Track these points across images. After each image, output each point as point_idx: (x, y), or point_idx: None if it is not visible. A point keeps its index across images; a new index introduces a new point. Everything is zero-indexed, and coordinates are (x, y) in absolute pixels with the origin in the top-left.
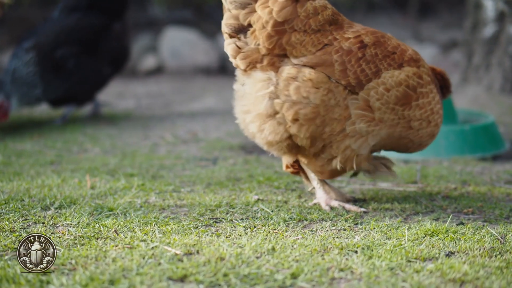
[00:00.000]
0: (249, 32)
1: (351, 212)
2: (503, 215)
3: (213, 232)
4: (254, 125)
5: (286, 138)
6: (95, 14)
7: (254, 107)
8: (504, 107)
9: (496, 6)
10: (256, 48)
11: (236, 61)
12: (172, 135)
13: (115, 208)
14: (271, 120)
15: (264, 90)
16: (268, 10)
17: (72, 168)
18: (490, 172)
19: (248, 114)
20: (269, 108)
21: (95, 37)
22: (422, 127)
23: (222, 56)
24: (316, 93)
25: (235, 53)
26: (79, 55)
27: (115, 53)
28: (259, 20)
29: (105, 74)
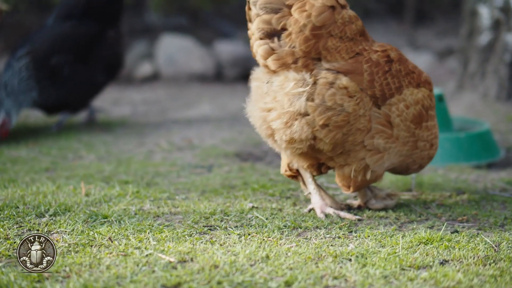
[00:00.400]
0: (283, 35)
1: (346, 219)
2: (498, 223)
3: (207, 239)
4: (280, 121)
5: (309, 139)
6: (89, 22)
7: (283, 104)
8: (500, 114)
9: (492, 14)
10: (291, 50)
11: (267, 62)
12: (167, 142)
13: (110, 216)
14: (301, 119)
15: (299, 89)
16: (306, 14)
17: (67, 175)
18: (485, 180)
19: (273, 111)
20: (302, 107)
21: (89, 44)
22: (425, 148)
23: (217, 63)
24: (350, 102)
25: (267, 54)
26: (73, 62)
27: (109, 60)
28: (296, 23)
29: (99, 81)
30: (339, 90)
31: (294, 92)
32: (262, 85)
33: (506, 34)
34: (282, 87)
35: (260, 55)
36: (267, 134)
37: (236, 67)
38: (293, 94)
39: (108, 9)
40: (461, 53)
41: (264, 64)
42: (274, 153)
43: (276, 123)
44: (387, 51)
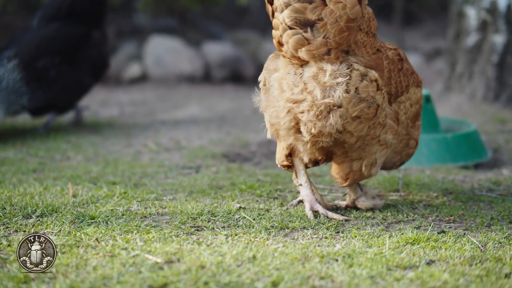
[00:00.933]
0: (318, 25)
1: (334, 220)
2: (484, 223)
3: (194, 240)
4: (312, 113)
5: (338, 132)
6: (74, 23)
7: (316, 96)
8: (487, 115)
9: (479, 15)
10: (324, 41)
11: (299, 52)
12: (155, 143)
13: (97, 216)
14: (335, 111)
15: (338, 79)
16: (341, 5)
17: (55, 176)
18: (472, 181)
19: (304, 102)
20: (338, 99)
21: (75, 46)
22: (412, 146)
23: (206, 64)
24: (380, 95)
25: (300, 44)
26: (60, 64)
27: (95, 61)
28: (331, 14)
29: (86, 82)
30: (371, 82)
31: (331, 83)
32: (288, 76)
33: (493, 35)
34: (315, 78)
35: (291, 45)
36: (289, 126)
37: (224, 68)
38: (330, 85)
39: (92, 11)
40: (449, 54)
41: (293, 55)
42: (262, 153)
43: (306, 115)
44: (397, 49)
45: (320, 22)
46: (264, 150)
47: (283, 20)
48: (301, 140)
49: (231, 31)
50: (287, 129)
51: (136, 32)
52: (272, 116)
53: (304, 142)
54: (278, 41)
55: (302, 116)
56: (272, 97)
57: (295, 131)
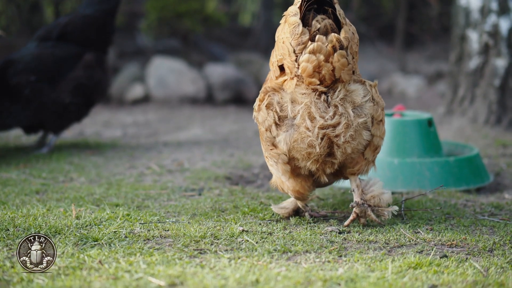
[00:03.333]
0: (349, 46)
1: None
2: (487, 248)
3: (197, 263)
4: (348, 134)
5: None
6: (63, 44)
7: (349, 117)
8: (489, 139)
9: (481, 38)
10: (352, 62)
11: (342, 74)
12: (158, 165)
13: (100, 238)
14: (366, 125)
15: (367, 96)
16: (353, 27)
17: (58, 198)
18: (474, 205)
19: (339, 125)
20: (368, 113)
21: (57, 66)
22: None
23: (209, 86)
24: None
25: (344, 66)
26: (36, 82)
27: (81, 83)
28: (354, 36)
29: (66, 103)
30: (375, 89)
31: (361, 101)
32: (315, 104)
33: (495, 58)
34: (345, 100)
35: (337, 67)
36: (324, 152)
37: (227, 89)
38: (360, 104)
39: (85, 34)
40: (451, 77)
41: (331, 79)
42: (265, 176)
43: (342, 137)
44: None
45: (349, 44)
46: (267, 172)
47: (334, 40)
48: (329, 162)
49: (233, 53)
50: (318, 155)
51: (139, 53)
52: (296, 148)
53: (330, 164)
54: (318, 65)
55: (338, 140)
56: (296, 128)
57: (332, 155)
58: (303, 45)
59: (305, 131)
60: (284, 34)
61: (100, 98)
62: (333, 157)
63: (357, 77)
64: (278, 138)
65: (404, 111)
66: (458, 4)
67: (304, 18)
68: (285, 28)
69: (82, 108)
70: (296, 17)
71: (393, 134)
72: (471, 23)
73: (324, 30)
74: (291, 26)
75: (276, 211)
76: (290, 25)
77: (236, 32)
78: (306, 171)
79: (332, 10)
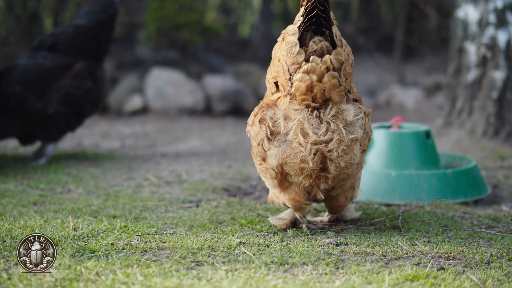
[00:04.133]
0: (342, 68)
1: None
2: (484, 260)
3: (194, 275)
4: (340, 149)
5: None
6: (53, 54)
7: (341, 133)
8: (487, 151)
9: (479, 51)
10: (344, 83)
11: (333, 94)
12: (156, 176)
13: (97, 250)
14: (357, 143)
15: (359, 115)
16: (348, 48)
17: (55, 209)
18: (471, 217)
19: (331, 141)
20: (358, 133)
21: (42, 76)
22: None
23: (207, 97)
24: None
25: (334, 86)
26: (21, 92)
27: (68, 92)
28: (348, 57)
29: (51, 113)
30: (368, 116)
31: (352, 120)
32: (308, 120)
33: (493, 71)
34: (337, 117)
35: (327, 87)
36: (317, 167)
37: (225, 101)
38: (351, 122)
39: (75, 43)
40: (449, 89)
41: (322, 98)
42: (263, 187)
43: (335, 152)
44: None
45: (343, 65)
46: (264, 184)
47: (327, 62)
48: (323, 177)
49: (232, 64)
50: (311, 170)
51: (137, 64)
52: (289, 163)
53: (324, 179)
54: (310, 85)
55: (331, 154)
56: (289, 144)
57: (326, 170)
58: (298, 65)
59: (298, 147)
60: (281, 52)
61: (92, 108)
62: (327, 172)
63: (354, 96)
64: (269, 152)
65: (402, 123)
66: (457, 17)
67: (302, 37)
68: (282, 46)
69: (71, 118)
70: (294, 37)
71: (391, 146)
72: (469, 36)
73: (320, 52)
74: (288, 44)
75: (274, 223)
76: (287, 44)
77: (235, 43)
78: (300, 187)
79: (329, 32)
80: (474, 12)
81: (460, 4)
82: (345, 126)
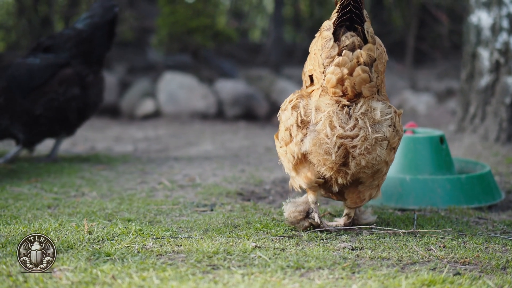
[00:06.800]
0: (374, 64)
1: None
2: (500, 266)
3: (210, 279)
4: (363, 147)
5: (378, 163)
6: (43, 55)
7: (367, 131)
8: (499, 156)
9: (492, 56)
10: (375, 80)
11: (363, 89)
12: (169, 180)
13: (113, 253)
14: (382, 143)
15: (387, 116)
16: (382, 48)
17: (70, 212)
18: (486, 222)
19: (356, 137)
20: (385, 132)
21: (29, 74)
22: None
23: (219, 101)
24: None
25: (365, 81)
26: (7, 91)
27: (52, 99)
28: (382, 55)
29: (36, 114)
30: (399, 116)
31: (380, 119)
32: (337, 114)
33: (506, 76)
34: (365, 115)
35: (357, 81)
36: (339, 162)
37: (237, 105)
38: (379, 121)
39: (67, 46)
40: (462, 95)
41: (353, 92)
42: (276, 192)
43: (358, 149)
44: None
45: (375, 62)
46: (278, 188)
47: (359, 56)
48: (342, 172)
49: (243, 69)
50: (334, 163)
51: (149, 69)
52: (314, 152)
53: (343, 173)
54: (341, 78)
55: (354, 151)
56: (316, 134)
57: (346, 165)
58: (331, 59)
59: (324, 138)
60: (316, 47)
61: (80, 116)
62: (347, 167)
63: (381, 97)
64: (296, 138)
65: (416, 128)
66: (470, 22)
67: (336, 32)
68: (319, 41)
69: (55, 123)
70: (329, 32)
71: (405, 151)
72: (482, 41)
73: (351, 46)
74: (323, 39)
75: (287, 215)
76: (322, 38)
77: (246, 48)
78: (320, 175)
79: (361, 28)
80: (487, 17)
81: (473, 9)
82: (372, 124)
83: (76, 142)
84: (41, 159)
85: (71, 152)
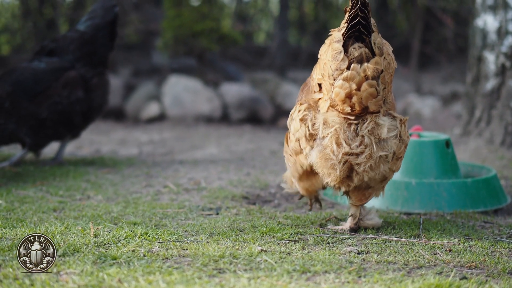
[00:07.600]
0: (381, 77)
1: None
2: (506, 270)
3: (217, 282)
4: (368, 165)
5: (384, 176)
6: (47, 59)
7: (372, 149)
8: (505, 160)
9: (498, 59)
10: (382, 93)
11: (369, 104)
12: (175, 184)
13: (119, 257)
14: (387, 160)
15: (393, 132)
16: (390, 57)
17: (75, 215)
18: (492, 226)
19: (362, 155)
20: (391, 149)
21: (34, 78)
22: None
23: (224, 105)
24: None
25: (372, 96)
26: (13, 95)
27: (56, 102)
28: (389, 66)
29: (42, 118)
30: (405, 126)
31: (386, 136)
32: (344, 131)
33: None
34: (372, 132)
35: (365, 95)
36: (343, 175)
37: (242, 109)
38: (385, 139)
39: (70, 48)
40: (467, 98)
41: (361, 107)
42: (282, 195)
43: (362, 166)
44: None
45: (382, 73)
46: (284, 192)
47: (366, 70)
48: (345, 183)
49: (248, 72)
50: (338, 179)
51: (154, 71)
52: (320, 165)
53: (346, 185)
54: (349, 93)
55: (358, 167)
56: (323, 149)
57: (348, 180)
58: (340, 72)
59: (330, 154)
60: (327, 56)
61: (85, 119)
62: (350, 180)
63: (388, 107)
64: (305, 151)
65: (422, 132)
66: (475, 25)
67: (344, 43)
68: (329, 51)
69: (59, 126)
70: (339, 44)
71: (411, 154)
72: (488, 45)
73: (359, 58)
74: (334, 51)
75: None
76: (333, 50)
77: (251, 51)
78: (324, 185)
79: (369, 39)
80: (493, 21)
81: (479, 13)
82: (377, 142)
83: (81, 145)
84: (47, 162)
85: (77, 155)
